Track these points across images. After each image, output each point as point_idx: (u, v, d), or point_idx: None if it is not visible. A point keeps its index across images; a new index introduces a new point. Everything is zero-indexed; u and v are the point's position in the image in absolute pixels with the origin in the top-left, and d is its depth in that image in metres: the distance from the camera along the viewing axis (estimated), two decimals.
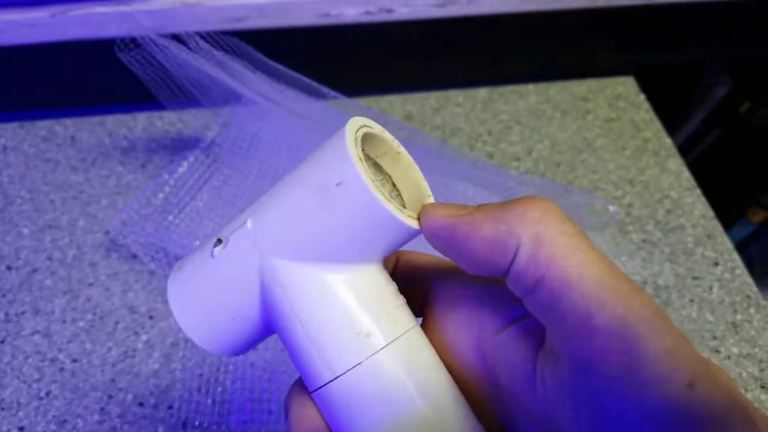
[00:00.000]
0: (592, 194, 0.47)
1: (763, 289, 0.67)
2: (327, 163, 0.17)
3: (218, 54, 0.45)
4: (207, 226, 0.44)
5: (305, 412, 0.19)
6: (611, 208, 0.43)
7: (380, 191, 0.17)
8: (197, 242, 0.43)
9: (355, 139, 0.18)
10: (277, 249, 0.18)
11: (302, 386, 0.20)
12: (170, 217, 0.47)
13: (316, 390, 0.18)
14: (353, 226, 0.17)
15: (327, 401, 0.18)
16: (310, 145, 0.48)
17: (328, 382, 0.18)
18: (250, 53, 0.46)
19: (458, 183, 0.43)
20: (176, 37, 0.45)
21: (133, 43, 0.45)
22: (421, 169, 0.21)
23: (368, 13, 0.54)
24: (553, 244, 0.16)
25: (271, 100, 0.47)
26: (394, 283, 0.20)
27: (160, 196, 0.48)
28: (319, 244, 0.18)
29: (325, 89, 0.46)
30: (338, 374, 0.17)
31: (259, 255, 0.18)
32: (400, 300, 0.19)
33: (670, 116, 0.65)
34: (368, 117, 0.20)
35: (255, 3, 0.50)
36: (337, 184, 0.17)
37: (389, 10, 0.54)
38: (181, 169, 0.49)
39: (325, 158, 0.18)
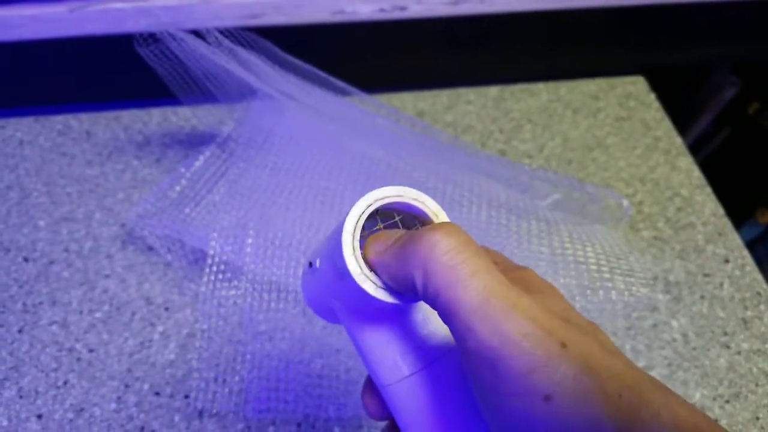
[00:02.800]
0: (605, 189, 0.47)
1: None
2: (335, 250, 0.21)
3: (236, 48, 0.46)
4: (224, 219, 0.45)
5: (369, 400, 0.24)
6: (624, 202, 0.44)
7: (370, 281, 0.20)
8: (214, 234, 0.43)
9: (354, 229, 0.20)
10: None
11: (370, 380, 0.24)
12: (187, 210, 0.48)
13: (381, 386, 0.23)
14: (358, 299, 0.21)
15: (383, 397, 0.23)
16: (325, 139, 0.49)
17: (379, 387, 0.23)
18: (267, 48, 0.46)
19: (473, 176, 0.44)
20: (194, 33, 0.46)
21: (151, 37, 0.45)
22: (434, 162, 0.22)
23: (382, 10, 0.54)
24: (437, 278, 0.18)
25: (287, 94, 0.47)
26: (428, 317, 0.23)
27: (177, 189, 0.49)
28: (346, 301, 0.22)
29: (341, 83, 0.47)
30: (383, 385, 0.22)
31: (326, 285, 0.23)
32: (427, 332, 0.23)
33: (678, 117, 0.66)
34: (382, 113, 0.21)
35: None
36: (341, 275, 0.21)
37: (402, 8, 0.55)
38: (197, 163, 0.50)
39: (333, 242, 0.21)
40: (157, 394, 0.43)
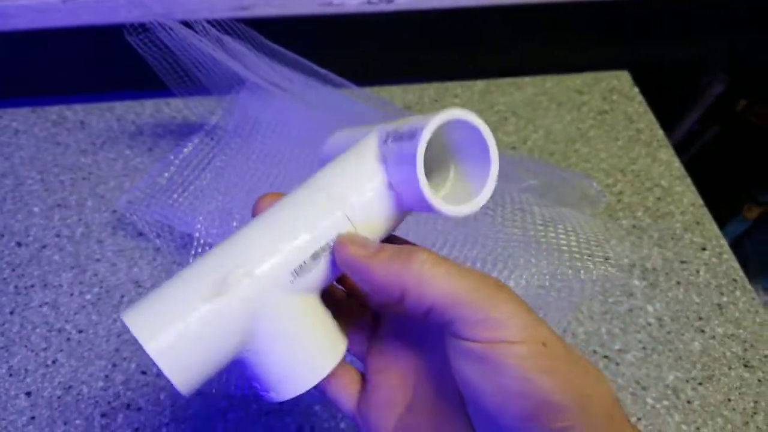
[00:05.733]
0: (578, 174, 0.48)
1: (756, 284, 0.68)
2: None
3: (223, 38, 0.47)
4: (210, 204, 0.46)
5: None
6: (595, 185, 0.45)
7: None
8: (200, 218, 0.45)
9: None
10: None
11: None
12: (174, 196, 0.49)
13: None
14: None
15: None
16: (311, 128, 0.50)
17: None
18: (254, 38, 0.48)
19: None
20: (184, 23, 0.47)
21: (141, 27, 0.47)
22: None
23: (369, 2, 0.56)
24: (433, 283, 0.20)
25: (274, 84, 0.49)
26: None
27: (165, 175, 0.50)
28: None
29: (328, 74, 0.48)
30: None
31: None
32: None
33: (666, 114, 0.67)
34: (371, 104, 0.22)
35: None
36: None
37: (389, 0, 0.56)
38: (186, 150, 0.51)
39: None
40: (144, 373, 0.45)
